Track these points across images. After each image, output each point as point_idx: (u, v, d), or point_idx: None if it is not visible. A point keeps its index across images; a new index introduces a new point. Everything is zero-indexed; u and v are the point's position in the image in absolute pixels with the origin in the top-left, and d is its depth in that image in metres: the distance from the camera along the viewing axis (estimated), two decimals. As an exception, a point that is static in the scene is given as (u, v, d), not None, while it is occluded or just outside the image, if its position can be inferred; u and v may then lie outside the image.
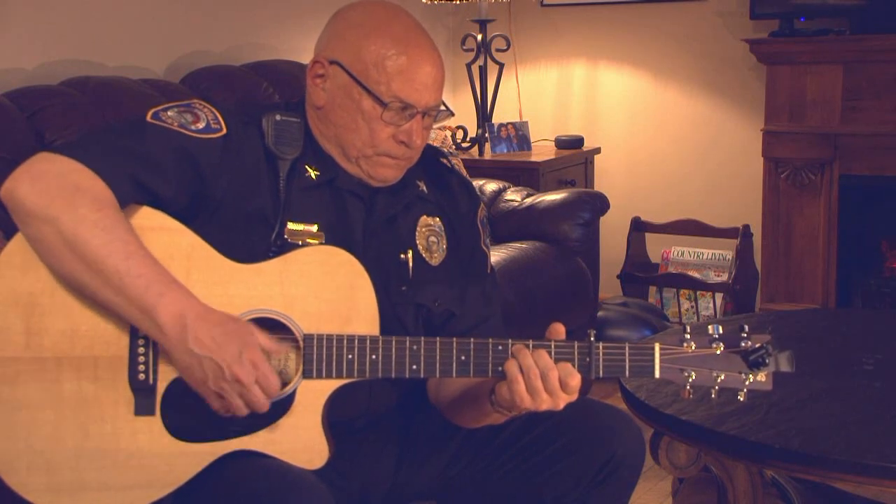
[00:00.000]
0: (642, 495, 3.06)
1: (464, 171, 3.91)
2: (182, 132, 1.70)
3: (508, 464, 1.82)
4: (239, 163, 1.73)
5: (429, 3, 4.48)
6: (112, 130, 1.73)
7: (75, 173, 1.59)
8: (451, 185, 1.93)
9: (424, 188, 1.88)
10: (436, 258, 1.86)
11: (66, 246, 1.56)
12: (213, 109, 1.76)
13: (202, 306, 1.58)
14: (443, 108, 1.80)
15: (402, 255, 1.82)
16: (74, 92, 3.07)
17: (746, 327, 1.63)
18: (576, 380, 1.59)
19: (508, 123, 4.57)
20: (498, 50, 4.51)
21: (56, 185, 1.57)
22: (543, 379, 1.58)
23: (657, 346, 1.63)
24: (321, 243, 1.73)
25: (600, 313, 4.03)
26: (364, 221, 1.80)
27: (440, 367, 1.64)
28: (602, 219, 3.94)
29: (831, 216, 4.18)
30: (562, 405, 1.62)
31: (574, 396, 1.62)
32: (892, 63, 4.02)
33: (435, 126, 1.86)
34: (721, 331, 1.63)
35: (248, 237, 1.70)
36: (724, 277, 4.41)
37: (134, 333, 1.62)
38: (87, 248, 1.55)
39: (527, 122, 4.64)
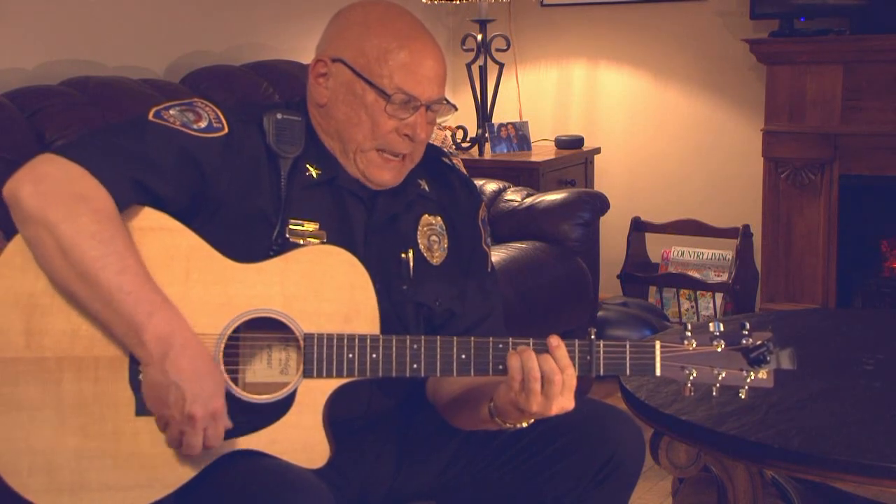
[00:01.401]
0: (642, 495, 3.05)
1: (464, 171, 3.90)
2: (184, 131, 1.70)
3: (508, 464, 1.82)
4: (240, 162, 1.73)
5: (429, 3, 4.48)
6: (114, 130, 1.72)
7: (77, 179, 1.59)
8: (453, 184, 1.94)
9: (426, 187, 1.88)
10: (437, 257, 1.86)
11: (61, 253, 1.56)
12: (215, 108, 1.76)
13: (191, 334, 1.58)
14: (445, 102, 1.81)
15: (404, 255, 1.82)
16: (74, 92, 3.07)
17: (748, 324, 1.63)
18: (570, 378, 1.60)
19: (508, 123, 4.58)
20: (498, 50, 4.51)
21: (58, 191, 1.57)
22: (544, 382, 1.59)
23: (658, 344, 1.63)
24: (322, 242, 1.73)
25: (600, 313, 4.03)
26: (365, 221, 1.80)
27: (441, 365, 1.64)
28: (602, 219, 3.94)
29: (831, 216, 4.18)
30: (553, 411, 1.61)
31: (570, 402, 1.62)
32: (892, 63, 4.02)
33: (437, 120, 1.86)
34: (722, 328, 1.63)
35: (248, 236, 1.70)
36: (724, 277, 4.41)
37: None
38: (82, 259, 1.55)
39: (527, 122, 4.64)
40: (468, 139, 4.56)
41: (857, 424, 2.02)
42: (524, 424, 1.68)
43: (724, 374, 1.62)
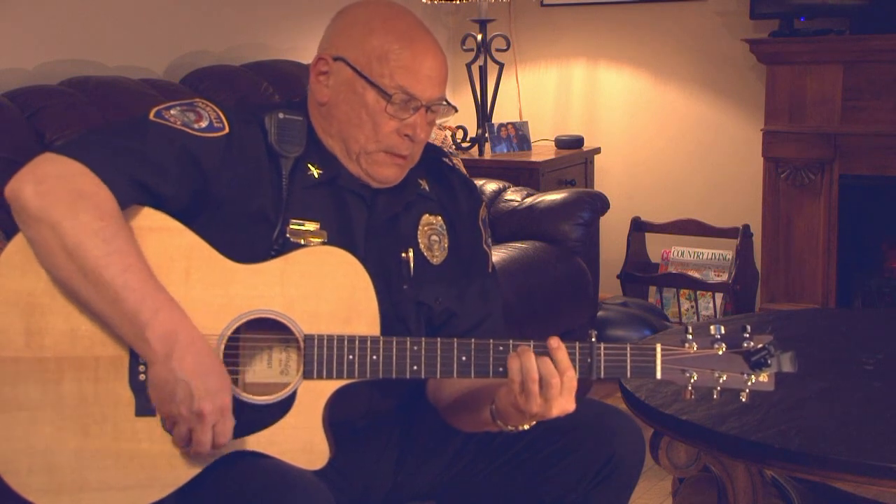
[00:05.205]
0: (642, 495, 3.06)
1: (464, 172, 3.91)
2: (185, 131, 1.70)
3: (508, 464, 1.82)
4: (241, 162, 1.73)
5: (429, 2, 4.48)
6: (115, 130, 1.72)
7: (79, 177, 1.59)
8: (453, 185, 1.93)
9: (426, 187, 1.88)
10: (437, 257, 1.86)
11: (64, 252, 1.56)
12: (216, 108, 1.76)
13: (196, 331, 1.58)
14: (445, 103, 1.81)
15: (404, 254, 1.82)
16: (74, 92, 3.07)
17: (748, 327, 1.63)
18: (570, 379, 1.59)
19: (508, 123, 4.58)
20: (498, 50, 4.51)
21: (60, 190, 1.57)
22: (542, 385, 1.58)
23: (658, 347, 1.62)
24: (323, 242, 1.73)
25: (600, 313, 4.03)
26: (366, 221, 1.80)
27: (441, 367, 1.64)
28: (602, 219, 3.94)
29: (831, 216, 4.18)
30: (554, 413, 1.61)
31: (570, 404, 1.62)
32: (892, 63, 4.02)
33: (437, 121, 1.86)
34: (723, 331, 1.62)
35: (249, 236, 1.70)
36: (724, 277, 4.41)
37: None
38: (86, 257, 1.55)
39: (527, 122, 4.64)
40: (468, 139, 4.56)
41: (857, 424, 2.02)
42: (526, 426, 1.68)
43: (724, 378, 1.62)
